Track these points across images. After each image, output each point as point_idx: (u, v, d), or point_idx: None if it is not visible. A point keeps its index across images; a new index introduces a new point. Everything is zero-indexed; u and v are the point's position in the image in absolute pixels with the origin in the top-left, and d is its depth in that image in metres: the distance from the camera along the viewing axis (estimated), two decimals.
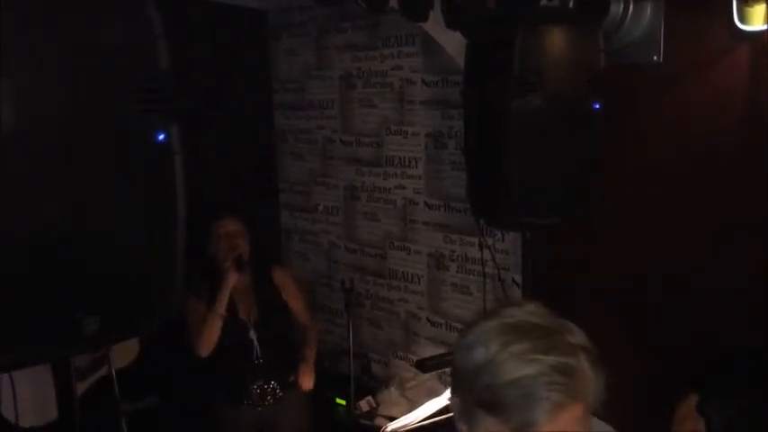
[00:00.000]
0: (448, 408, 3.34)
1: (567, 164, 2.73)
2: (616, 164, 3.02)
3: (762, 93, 2.69)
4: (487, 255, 3.69)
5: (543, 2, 2.79)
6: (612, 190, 2.97)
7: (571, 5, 2.85)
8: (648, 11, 2.96)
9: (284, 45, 4.99)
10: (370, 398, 4.19)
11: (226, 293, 3.45)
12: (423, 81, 4.15)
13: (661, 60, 2.95)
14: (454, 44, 3.29)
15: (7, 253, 1.44)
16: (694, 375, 2.37)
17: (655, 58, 2.96)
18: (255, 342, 3.55)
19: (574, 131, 2.72)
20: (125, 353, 3.35)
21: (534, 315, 1.30)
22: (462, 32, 2.90)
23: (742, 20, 2.67)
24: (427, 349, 4.25)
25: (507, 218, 2.90)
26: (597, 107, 2.75)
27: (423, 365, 3.56)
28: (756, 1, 2.60)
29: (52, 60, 1.50)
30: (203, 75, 4.16)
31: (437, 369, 3.71)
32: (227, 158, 4.63)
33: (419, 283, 4.37)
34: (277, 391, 3.61)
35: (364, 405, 4.14)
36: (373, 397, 4.21)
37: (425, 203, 4.26)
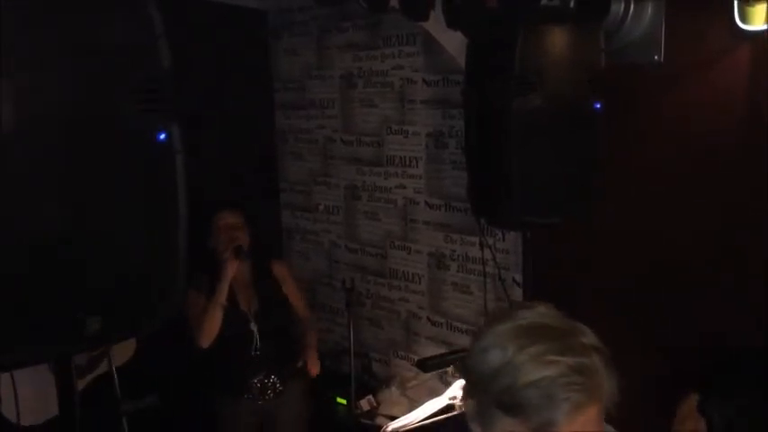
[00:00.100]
0: (449, 407, 3.34)
1: (568, 163, 2.73)
2: (617, 163, 3.02)
3: (762, 93, 2.69)
4: (488, 254, 3.70)
5: (544, 1, 2.79)
6: (613, 189, 2.96)
7: (572, 5, 2.84)
8: (649, 10, 2.96)
9: (285, 45, 4.98)
10: (370, 397, 4.18)
11: (226, 283, 3.47)
12: (423, 80, 4.14)
13: (662, 60, 2.96)
14: (455, 44, 3.29)
15: (7, 253, 1.44)
16: (701, 376, 2.38)
17: (655, 58, 2.96)
18: (256, 333, 3.56)
19: (574, 131, 2.73)
20: (121, 351, 3.35)
21: (546, 317, 1.32)
22: (463, 32, 2.91)
23: (743, 19, 2.67)
24: (428, 349, 4.25)
25: (508, 217, 2.90)
26: (598, 107, 2.75)
27: (423, 365, 3.56)
28: (757, 0, 2.60)
29: (52, 60, 1.49)
30: (204, 74, 4.16)
31: (438, 368, 3.72)
32: (227, 158, 4.63)
33: (420, 283, 4.37)
34: (277, 386, 3.62)
35: (365, 404, 4.14)
36: (374, 396, 4.21)
37: (426, 203, 4.26)
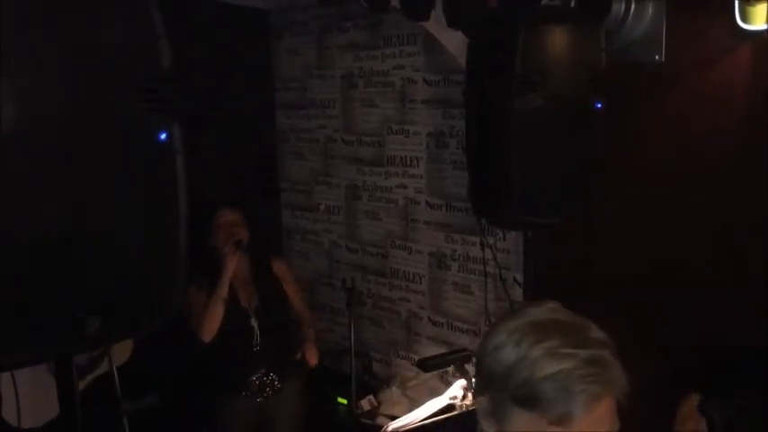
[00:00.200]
0: (449, 407, 3.35)
1: (568, 163, 2.73)
2: (617, 163, 3.01)
3: (762, 92, 2.69)
4: (489, 254, 3.70)
5: (545, 1, 2.79)
6: (614, 189, 2.96)
7: (573, 5, 2.85)
8: (650, 10, 2.96)
9: (286, 44, 4.99)
10: (371, 397, 4.18)
11: (227, 277, 3.48)
12: (424, 80, 4.14)
13: (663, 60, 2.95)
14: (456, 43, 3.29)
15: (7, 253, 1.44)
16: (701, 376, 2.38)
17: (656, 58, 2.96)
18: (256, 329, 3.57)
19: (575, 131, 2.72)
20: (118, 352, 3.35)
21: (556, 312, 1.34)
22: (464, 32, 2.90)
23: (744, 19, 2.67)
24: (428, 348, 4.25)
25: (508, 217, 2.90)
26: (599, 106, 2.75)
27: (424, 365, 3.56)
28: (758, 0, 2.60)
29: (52, 60, 1.49)
30: (205, 74, 4.16)
31: (438, 368, 3.72)
32: (228, 158, 4.63)
33: (420, 283, 4.37)
34: (276, 383, 3.63)
35: (366, 404, 4.14)
36: (375, 396, 4.21)
37: (427, 203, 4.26)
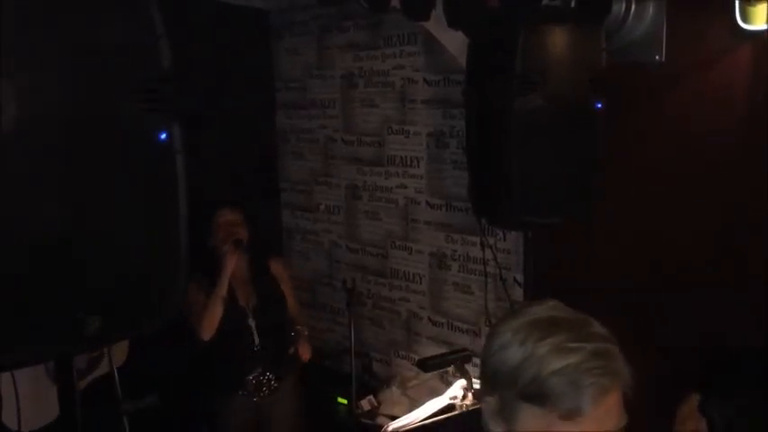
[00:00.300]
0: (449, 407, 3.35)
1: (568, 163, 2.73)
2: (617, 163, 3.01)
3: (763, 92, 2.68)
4: (489, 254, 3.69)
5: (545, 1, 2.79)
6: (614, 189, 2.96)
7: (573, 5, 2.84)
8: (650, 10, 2.96)
9: (286, 44, 4.98)
10: (371, 397, 4.18)
11: (226, 275, 3.50)
12: (424, 80, 4.14)
13: (663, 60, 2.95)
14: (456, 43, 3.29)
15: (7, 253, 1.44)
16: (701, 376, 2.38)
17: (657, 58, 2.96)
18: (254, 329, 3.59)
19: (575, 131, 2.72)
20: (114, 353, 3.34)
21: (557, 309, 1.35)
22: (464, 32, 2.90)
23: (744, 19, 2.67)
24: (429, 348, 4.25)
25: (508, 217, 2.90)
26: (599, 106, 2.75)
27: (424, 365, 3.56)
28: (758, 0, 2.60)
29: (52, 60, 1.49)
30: (205, 74, 4.16)
31: (439, 368, 3.72)
32: (228, 158, 4.63)
33: (421, 283, 4.36)
34: (272, 383, 3.64)
35: (366, 404, 4.13)
36: (375, 396, 4.20)
37: (427, 203, 4.25)
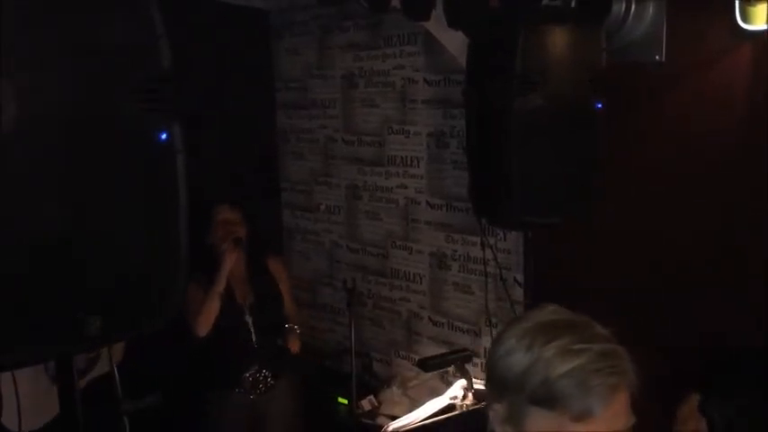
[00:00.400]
0: (450, 407, 3.35)
1: (568, 163, 2.73)
2: (617, 163, 3.01)
3: (763, 92, 2.68)
4: (489, 254, 3.69)
5: (545, 1, 2.79)
6: (614, 189, 2.96)
7: (573, 5, 2.85)
8: (650, 10, 2.96)
9: (286, 44, 4.98)
10: (371, 397, 4.18)
11: (224, 273, 3.51)
12: (425, 80, 4.14)
13: (663, 60, 2.95)
14: (456, 43, 3.29)
15: (7, 253, 1.44)
16: (701, 376, 2.38)
17: (657, 58, 2.96)
18: (251, 326, 3.60)
19: (575, 131, 2.72)
20: (113, 352, 3.33)
21: (557, 313, 1.35)
22: (464, 32, 2.90)
23: (744, 19, 2.67)
24: (429, 348, 4.25)
25: (508, 217, 2.90)
26: (600, 106, 2.75)
27: (425, 365, 3.57)
28: (758, 0, 2.60)
29: (52, 60, 1.49)
30: (205, 74, 4.16)
31: (439, 368, 3.72)
32: (228, 158, 4.63)
33: (421, 283, 4.37)
34: (269, 380, 3.65)
35: (366, 404, 4.13)
36: (375, 396, 4.20)
37: (427, 203, 4.25)
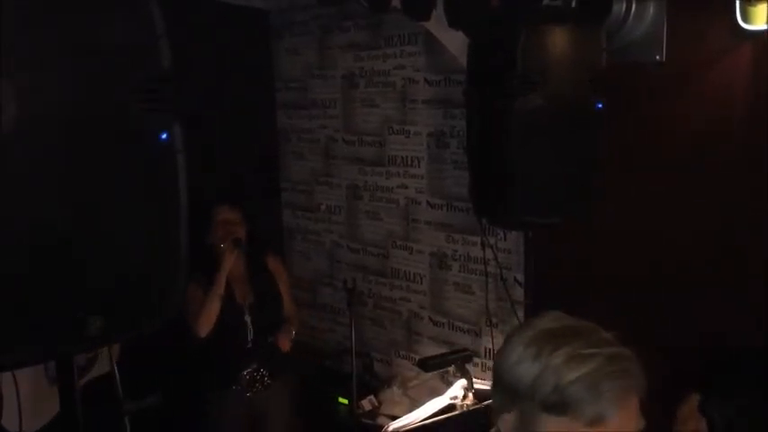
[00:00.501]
0: (450, 407, 3.35)
1: (569, 163, 2.73)
2: (617, 163, 3.01)
3: (763, 92, 2.68)
4: (490, 254, 3.70)
5: (546, 1, 2.79)
6: (614, 189, 2.96)
7: (573, 5, 2.85)
8: (651, 10, 2.96)
9: (286, 44, 4.98)
10: (372, 397, 4.18)
11: (224, 274, 3.52)
12: (425, 80, 4.14)
13: (663, 60, 2.95)
14: (457, 43, 3.29)
15: (7, 253, 1.44)
16: (701, 376, 2.38)
17: (657, 58, 2.96)
18: (250, 325, 3.61)
19: (575, 131, 2.72)
20: (107, 353, 3.33)
21: (561, 320, 1.34)
22: (465, 32, 2.90)
23: (744, 19, 2.67)
24: (429, 348, 4.25)
25: (509, 217, 2.91)
26: (600, 106, 2.75)
27: (425, 364, 3.56)
28: (759, 0, 2.60)
29: (52, 60, 1.49)
30: (205, 74, 4.15)
31: (439, 368, 3.72)
32: (228, 158, 4.62)
33: (421, 283, 4.37)
34: (266, 379, 3.66)
35: (366, 404, 4.14)
36: (375, 396, 4.20)
37: (428, 203, 4.25)
